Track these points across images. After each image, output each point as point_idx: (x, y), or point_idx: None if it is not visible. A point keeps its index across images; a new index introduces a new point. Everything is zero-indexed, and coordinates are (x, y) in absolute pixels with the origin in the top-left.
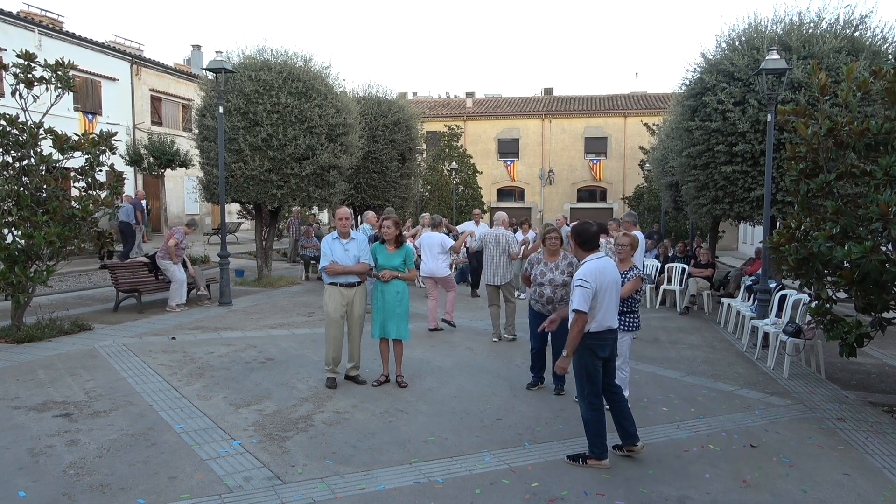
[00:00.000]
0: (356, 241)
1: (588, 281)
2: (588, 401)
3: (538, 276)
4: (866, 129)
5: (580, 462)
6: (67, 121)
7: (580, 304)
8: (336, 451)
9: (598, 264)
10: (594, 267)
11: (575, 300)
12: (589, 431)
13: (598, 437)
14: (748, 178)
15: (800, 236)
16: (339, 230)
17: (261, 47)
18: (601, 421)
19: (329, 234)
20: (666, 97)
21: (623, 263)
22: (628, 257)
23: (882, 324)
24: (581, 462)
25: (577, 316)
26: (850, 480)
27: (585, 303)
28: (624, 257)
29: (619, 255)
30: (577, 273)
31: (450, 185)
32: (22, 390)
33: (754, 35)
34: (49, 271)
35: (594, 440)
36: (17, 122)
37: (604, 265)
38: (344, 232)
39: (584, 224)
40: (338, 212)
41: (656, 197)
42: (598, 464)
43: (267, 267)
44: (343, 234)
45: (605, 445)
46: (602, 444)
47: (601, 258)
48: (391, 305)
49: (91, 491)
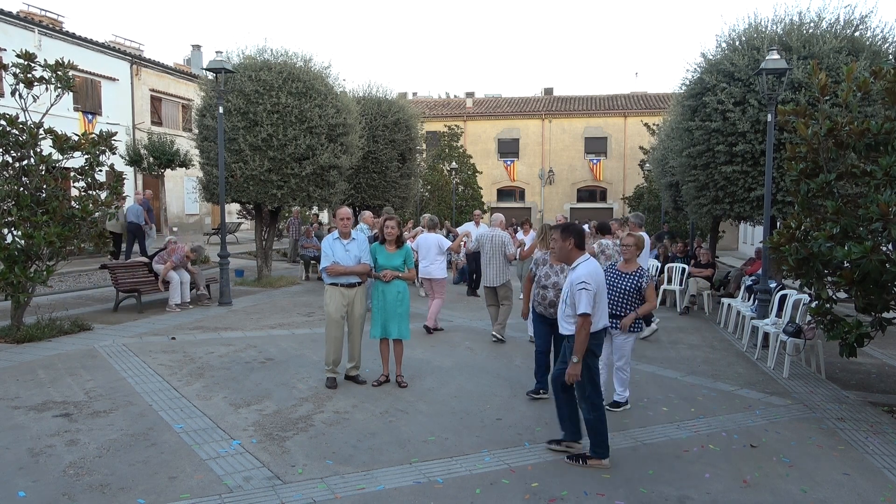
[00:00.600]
0: (357, 242)
1: (589, 283)
2: (590, 401)
3: (542, 278)
4: (866, 129)
5: (580, 462)
6: (67, 121)
7: (587, 307)
8: (336, 451)
9: (594, 265)
10: (592, 268)
11: (582, 304)
12: (591, 431)
13: (601, 436)
14: (748, 178)
15: (800, 236)
16: (341, 230)
17: (261, 47)
18: (603, 420)
19: (329, 235)
20: (666, 97)
21: (628, 264)
22: (633, 258)
23: (882, 324)
24: (581, 462)
25: (584, 319)
26: (850, 480)
27: (591, 305)
28: (629, 258)
29: (625, 256)
30: (576, 275)
31: (450, 185)
32: (22, 390)
33: (754, 35)
34: (49, 271)
35: (596, 440)
36: (17, 122)
37: (597, 266)
38: (345, 232)
39: (575, 224)
40: (339, 212)
41: (656, 197)
42: (599, 463)
43: (267, 267)
44: (344, 235)
45: (607, 445)
46: (605, 444)
47: (590, 259)
48: (392, 305)
49: (91, 491)
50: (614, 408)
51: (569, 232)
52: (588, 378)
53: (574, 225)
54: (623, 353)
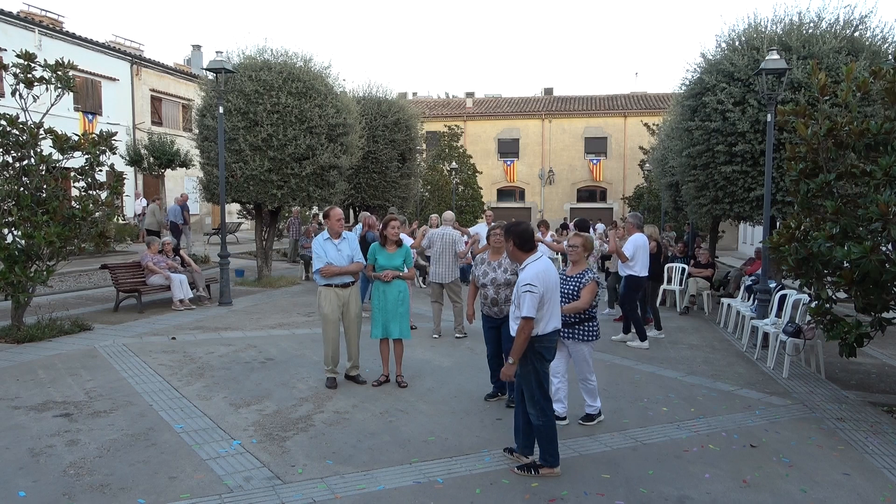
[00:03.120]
0: (347, 241)
1: (536, 285)
2: (539, 407)
3: (481, 277)
4: (866, 129)
5: (531, 472)
6: (67, 121)
7: (530, 311)
8: (336, 451)
9: (542, 266)
10: (539, 269)
11: (525, 307)
12: (541, 438)
13: (551, 444)
14: (748, 178)
15: (800, 236)
16: (336, 230)
17: (261, 47)
18: (553, 427)
19: (319, 236)
20: (666, 97)
21: (575, 266)
22: (580, 259)
23: (882, 324)
24: (532, 472)
25: (524, 323)
26: (849, 480)
27: (535, 308)
28: (575, 259)
29: (571, 258)
30: (522, 277)
31: (450, 185)
32: (22, 390)
33: (754, 35)
34: (49, 271)
35: (546, 447)
36: (17, 122)
37: (546, 266)
38: (336, 232)
39: (520, 224)
40: (334, 212)
41: (656, 197)
42: (550, 472)
43: (267, 267)
44: (336, 235)
45: (557, 453)
46: (555, 452)
47: (541, 258)
48: (393, 305)
49: (91, 491)
50: (587, 421)
51: (509, 233)
52: (537, 383)
53: (517, 225)
54: (580, 365)
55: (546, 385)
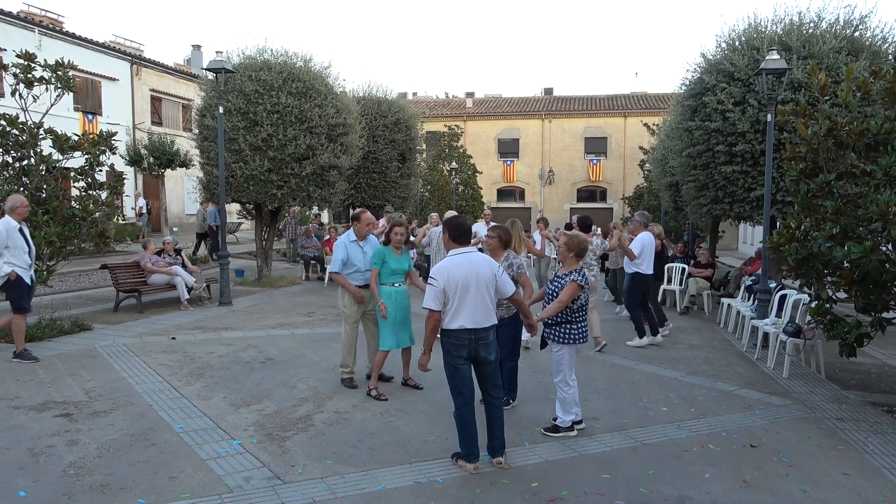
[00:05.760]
0: (370, 244)
1: (436, 279)
2: (453, 398)
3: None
4: (866, 129)
5: (455, 460)
6: (67, 121)
7: (428, 302)
8: (336, 450)
9: (452, 261)
10: (446, 264)
11: (425, 298)
12: (457, 428)
13: (464, 436)
14: (748, 178)
15: (800, 236)
16: (365, 233)
17: (261, 47)
18: (466, 421)
19: (345, 236)
20: (666, 97)
21: (565, 265)
22: (567, 259)
23: (882, 324)
24: (455, 459)
25: (428, 313)
26: (849, 480)
27: (433, 300)
28: (562, 259)
29: (560, 257)
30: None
31: (450, 185)
32: (22, 390)
33: (754, 35)
34: (49, 271)
35: (461, 439)
36: (17, 122)
37: (457, 263)
38: (365, 235)
39: (459, 218)
40: (365, 215)
41: (656, 197)
42: (464, 465)
43: (267, 267)
44: (363, 237)
45: (471, 448)
46: (467, 446)
47: (460, 255)
48: (403, 314)
49: (91, 491)
50: (552, 432)
51: (446, 224)
52: (449, 375)
53: (453, 218)
54: (559, 368)
55: (459, 378)
